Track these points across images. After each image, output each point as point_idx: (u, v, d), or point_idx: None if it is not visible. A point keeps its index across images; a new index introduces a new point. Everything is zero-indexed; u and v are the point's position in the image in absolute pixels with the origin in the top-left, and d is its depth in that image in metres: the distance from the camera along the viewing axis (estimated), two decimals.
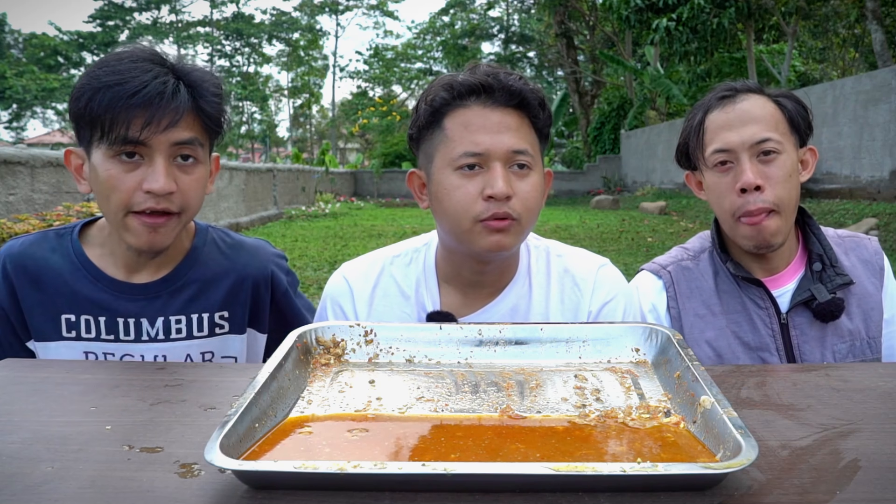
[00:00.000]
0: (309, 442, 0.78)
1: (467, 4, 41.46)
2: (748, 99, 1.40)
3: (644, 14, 15.85)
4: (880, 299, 1.47)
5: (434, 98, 1.23)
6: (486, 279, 1.32)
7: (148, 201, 1.22)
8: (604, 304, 1.33)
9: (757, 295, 1.45)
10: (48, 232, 1.41)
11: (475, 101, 1.21)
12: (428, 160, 1.26)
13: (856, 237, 1.53)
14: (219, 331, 1.42)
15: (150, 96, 1.19)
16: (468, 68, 1.25)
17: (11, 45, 40.94)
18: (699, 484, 0.67)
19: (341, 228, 13.08)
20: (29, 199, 6.72)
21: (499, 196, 1.17)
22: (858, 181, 10.64)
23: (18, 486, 0.69)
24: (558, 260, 1.38)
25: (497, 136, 1.19)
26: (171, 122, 1.21)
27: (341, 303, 1.37)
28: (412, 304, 1.34)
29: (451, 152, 1.21)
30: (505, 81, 1.20)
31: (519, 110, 1.22)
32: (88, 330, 1.35)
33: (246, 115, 48.60)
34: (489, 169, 1.19)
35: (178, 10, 45.96)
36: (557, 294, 1.34)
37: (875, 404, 0.91)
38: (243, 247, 1.49)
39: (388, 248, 1.43)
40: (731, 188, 1.38)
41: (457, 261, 1.31)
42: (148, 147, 1.21)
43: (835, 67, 22.18)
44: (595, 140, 25.32)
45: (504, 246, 1.21)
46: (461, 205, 1.20)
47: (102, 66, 1.22)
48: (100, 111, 1.19)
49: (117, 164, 1.22)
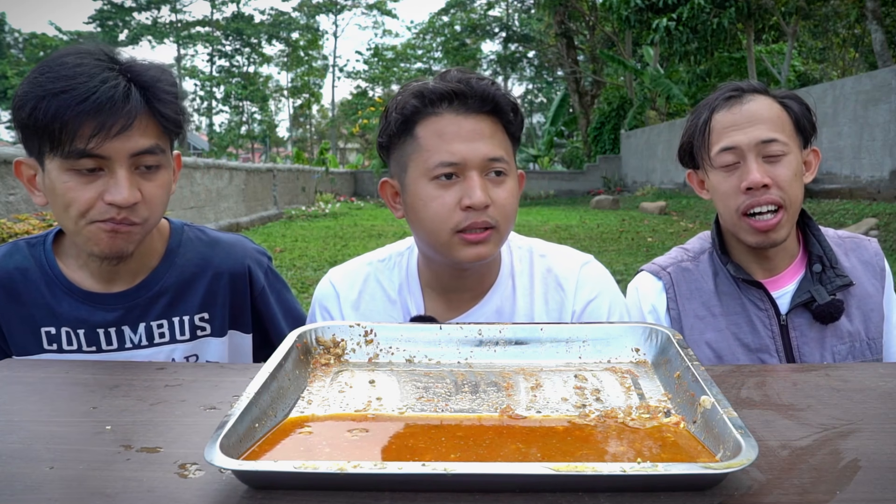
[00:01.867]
0: (309, 442, 0.78)
1: (467, 4, 41.45)
2: (755, 99, 1.40)
3: (644, 14, 15.87)
4: (880, 301, 1.47)
5: (405, 106, 1.20)
6: (467, 284, 1.32)
7: (109, 212, 1.17)
8: (587, 302, 1.33)
9: (756, 296, 1.45)
10: (19, 242, 1.35)
11: (447, 109, 1.19)
12: (401, 169, 1.24)
13: (856, 238, 1.53)
14: (200, 333, 1.38)
15: (98, 102, 1.11)
16: (438, 75, 1.23)
17: (11, 45, 40.93)
18: (699, 484, 0.67)
19: (341, 228, 13.08)
20: (29, 199, 6.71)
21: (477, 206, 1.16)
22: (858, 181, 10.64)
23: (18, 486, 0.69)
24: (541, 260, 1.37)
25: (472, 144, 1.17)
26: (123, 128, 1.13)
27: (328, 307, 1.38)
28: (398, 309, 1.34)
29: (426, 162, 1.18)
30: (477, 87, 1.18)
31: (492, 116, 1.20)
32: (70, 342, 1.31)
33: (246, 115, 48.61)
34: (465, 178, 1.18)
35: (178, 10, 45.96)
36: (541, 295, 1.34)
37: (875, 404, 0.91)
38: (219, 243, 1.43)
39: (374, 253, 1.43)
40: (736, 188, 1.38)
41: (436, 268, 1.31)
42: (106, 159, 1.14)
43: (835, 67, 22.19)
44: (595, 140, 25.32)
45: (483, 256, 1.21)
46: (439, 216, 1.18)
47: (46, 72, 1.13)
48: (46, 121, 1.11)
49: (75, 177, 1.15)
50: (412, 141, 1.21)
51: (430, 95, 1.19)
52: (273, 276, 1.49)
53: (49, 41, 39.87)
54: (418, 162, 1.20)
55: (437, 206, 1.18)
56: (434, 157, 1.18)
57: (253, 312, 1.45)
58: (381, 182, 1.32)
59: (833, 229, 1.55)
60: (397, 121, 1.21)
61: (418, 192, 1.20)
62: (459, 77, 1.20)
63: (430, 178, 1.19)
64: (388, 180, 1.31)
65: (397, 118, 1.21)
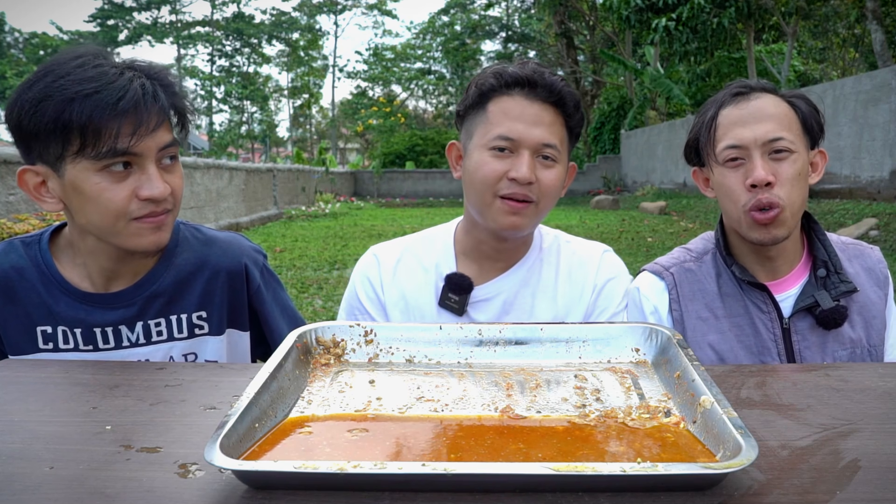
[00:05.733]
0: (309, 442, 0.78)
1: (467, 4, 41.45)
2: (762, 97, 1.39)
3: (644, 14, 15.87)
4: (882, 308, 1.46)
5: (484, 82, 1.36)
6: (502, 253, 1.46)
7: (147, 207, 1.19)
8: (608, 280, 1.48)
9: (759, 299, 1.44)
10: (14, 241, 1.35)
11: (519, 92, 1.34)
12: (468, 136, 1.40)
13: (859, 245, 1.52)
14: (198, 331, 1.38)
15: (135, 100, 1.14)
16: (518, 63, 1.38)
17: (11, 45, 40.91)
18: (699, 484, 0.67)
19: (341, 228, 13.08)
20: (29, 199, 6.71)
21: (521, 180, 1.31)
22: (858, 181, 10.64)
23: (18, 486, 0.69)
24: (567, 245, 1.53)
25: (531, 127, 1.32)
26: (158, 124, 1.17)
27: (369, 274, 1.52)
28: (431, 276, 1.48)
29: (488, 133, 1.34)
30: (548, 80, 1.33)
31: (555, 107, 1.35)
32: (66, 341, 1.30)
33: (246, 115, 48.61)
34: (518, 154, 1.32)
35: (178, 10, 45.94)
36: (566, 271, 1.48)
37: (875, 404, 0.91)
38: (216, 242, 1.43)
39: (416, 234, 1.60)
40: (740, 184, 1.37)
41: (477, 234, 1.45)
42: (138, 155, 1.17)
43: (835, 67, 22.19)
44: (595, 140, 25.33)
45: (519, 226, 1.35)
46: (487, 180, 1.33)
47: (64, 75, 1.13)
48: (81, 122, 1.11)
49: (107, 177, 1.16)
50: (483, 113, 1.37)
51: (506, 77, 1.34)
52: (268, 274, 1.49)
53: (49, 41, 39.87)
54: (482, 132, 1.36)
55: (487, 171, 1.34)
56: (495, 130, 1.33)
57: (249, 310, 1.45)
58: (449, 144, 1.49)
59: (836, 235, 1.53)
60: (475, 94, 1.37)
61: (475, 157, 1.36)
62: (535, 68, 1.35)
63: (489, 147, 1.34)
64: (455, 143, 1.48)
65: (475, 91, 1.37)
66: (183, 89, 1.27)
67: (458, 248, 1.50)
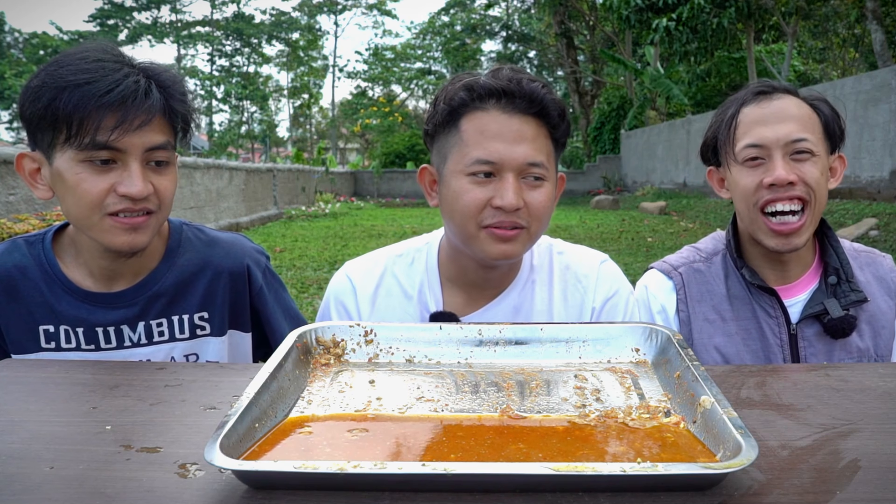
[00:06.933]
0: (309, 442, 0.78)
1: (467, 4, 41.45)
2: (785, 98, 1.37)
3: (644, 14, 15.87)
4: (892, 318, 1.44)
5: (453, 97, 1.20)
6: (491, 280, 1.32)
7: (122, 203, 1.18)
8: (606, 299, 1.33)
9: (768, 303, 1.42)
10: (17, 240, 1.35)
11: (494, 106, 1.18)
12: (441, 159, 1.25)
13: (871, 253, 1.50)
14: (200, 332, 1.38)
15: (123, 95, 1.13)
16: (491, 70, 1.22)
17: (11, 45, 40.90)
18: (699, 484, 0.67)
19: (341, 228, 13.08)
20: (29, 199, 6.71)
21: (508, 208, 1.16)
22: (858, 181, 10.64)
23: (18, 486, 0.69)
24: (559, 257, 1.38)
25: (513, 146, 1.17)
26: (144, 123, 1.16)
27: (345, 301, 1.36)
28: (415, 305, 1.34)
29: (465, 157, 1.18)
30: (527, 88, 1.17)
31: (538, 119, 1.19)
32: (69, 340, 1.30)
33: (246, 115, 48.60)
34: (501, 179, 1.17)
35: (178, 10, 45.95)
36: (560, 292, 1.34)
37: (875, 404, 0.91)
38: (218, 243, 1.43)
39: (390, 248, 1.42)
40: (758, 184, 1.35)
41: (462, 262, 1.31)
42: (122, 152, 1.16)
43: (835, 67, 22.19)
44: (595, 140, 25.32)
45: (510, 255, 1.21)
46: (468, 210, 1.19)
47: (65, 65, 1.15)
48: (68, 111, 1.12)
49: (87, 168, 1.16)
50: (455, 133, 1.21)
51: (479, 90, 1.18)
52: (271, 276, 1.49)
53: (49, 41, 39.85)
54: (458, 155, 1.20)
55: (468, 200, 1.18)
56: (473, 153, 1.18)
57: (251, 312, 1.45)
58: (421, 169, 1.33)
59: (849, 241, 1.51)
60: (444, 111, 1.21)
61: (453, 185, 1.21)
62: (511, 76, 1.19)
63: (467, 173, 1.19)
64: (427, 167, 1.31)
65: (444, 108, 1.21)
66: (188, 95, 1.26)
67: (442, 273, 1.35)
